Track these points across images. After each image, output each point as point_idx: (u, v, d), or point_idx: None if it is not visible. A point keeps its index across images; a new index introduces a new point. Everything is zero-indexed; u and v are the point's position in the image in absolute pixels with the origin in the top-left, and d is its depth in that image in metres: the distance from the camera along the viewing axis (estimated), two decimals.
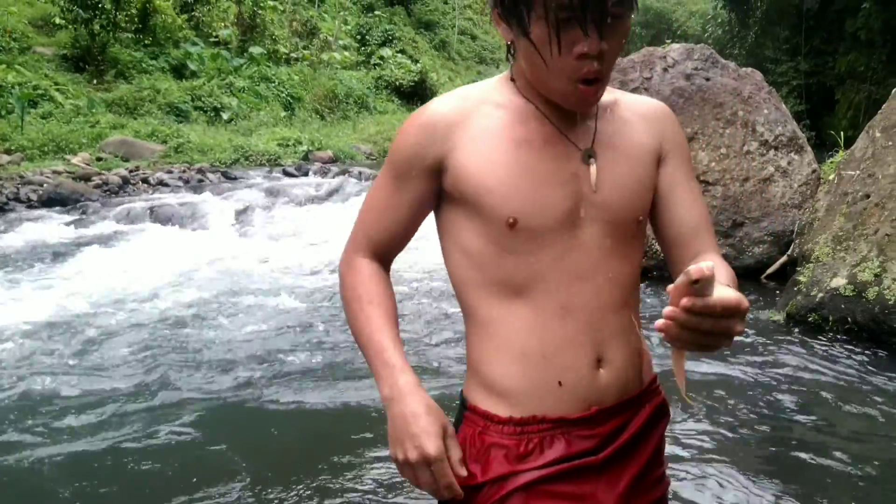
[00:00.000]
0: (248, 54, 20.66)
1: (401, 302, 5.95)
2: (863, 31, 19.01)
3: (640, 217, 1.28)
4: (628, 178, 1.26)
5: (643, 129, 1.31)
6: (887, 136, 5.38)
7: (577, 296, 1.23)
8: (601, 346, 1.25)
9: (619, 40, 1.15)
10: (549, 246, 1.22)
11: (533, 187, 1.21)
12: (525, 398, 1.25)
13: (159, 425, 3.68)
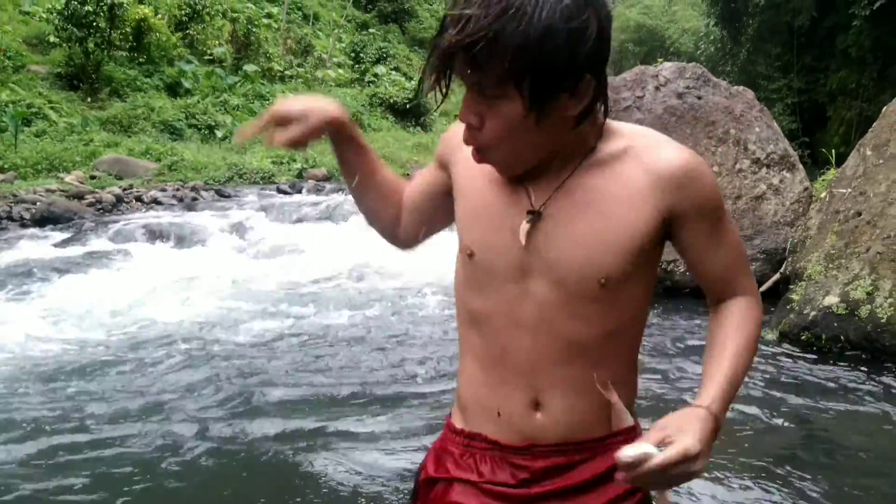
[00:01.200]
0: (243, 72, 20.72)
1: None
2: (854, 48, 19.14)
3: (602, 280, 1.19)
4: (586, 237, 1.20)
5: (644, 187, 1.20)
6: (878, 154, 5.41)
7: (516, 342, 1.25)
8: (537, 392, 1.26)
9: (499, 122, 1.13)
10: (499, 289, 1.25)
11: (489, 227, 1.25)
12: (473, 417, 1.34)
13: (153, 446, 3.66)
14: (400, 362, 5.14)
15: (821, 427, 3.95)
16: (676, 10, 35.54)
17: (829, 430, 3.91)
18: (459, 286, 1.34)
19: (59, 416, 4.02)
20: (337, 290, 7.25)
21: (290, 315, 6.25)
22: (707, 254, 1.26)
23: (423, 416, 4.11)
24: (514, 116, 1.11)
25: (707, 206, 1.23)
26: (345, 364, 5.07)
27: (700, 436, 1.07)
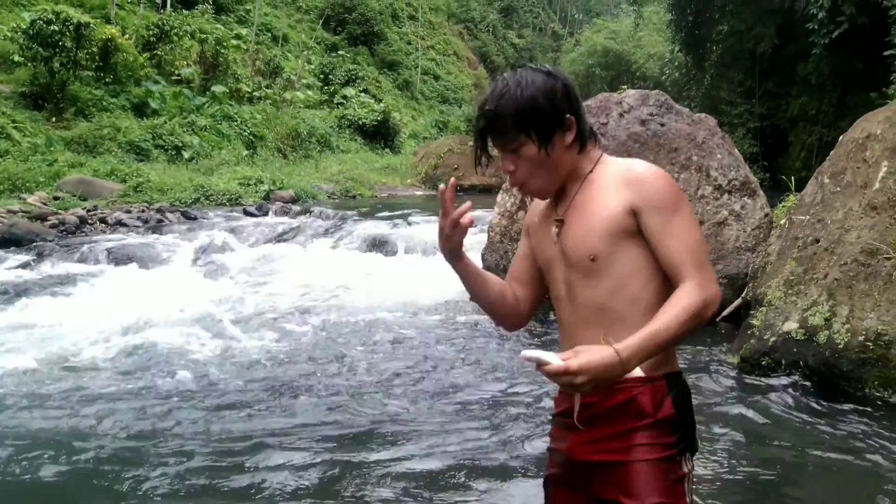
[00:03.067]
0: (211, 93, 20.63)
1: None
2: (813, 75, 19.49)
3: (592, 256, 1.76)
4: (581, 229, 1.79)
5: (615, 192, 1.76)
6: (835, 182, 5.53)
7: (563, 315, 1.88)
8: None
9: (528, 162, 1.78)
10: (552, 280, 1.90)
11: (541, 245, 1.91)
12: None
13: (108, 474, 3.62)
14: (373, 378, 5.14)
15: (778, 450, 4.00)
16: (642, 35, 35.96)
17: (786, 454, 3.96)
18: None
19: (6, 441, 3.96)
20: (305, 310, 7.23)
21: (256, 337, 6.22)
22: (661, 242, 1.73)
23: (397, 432, 4.11)
24: (533, 155, 1.76)
25: (659, 199, 1.73)
26: (314, 383, 5.05)
27: (589, 364, 1.55)
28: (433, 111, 37.07)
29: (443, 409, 4.64)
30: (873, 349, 4.56)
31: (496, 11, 53.75)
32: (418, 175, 21.91)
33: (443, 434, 4.20)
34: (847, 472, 3.77)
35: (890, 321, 4.59)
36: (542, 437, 4.13)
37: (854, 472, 3.75)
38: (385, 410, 4.61)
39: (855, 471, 3.76)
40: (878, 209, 5.04)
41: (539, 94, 1.72)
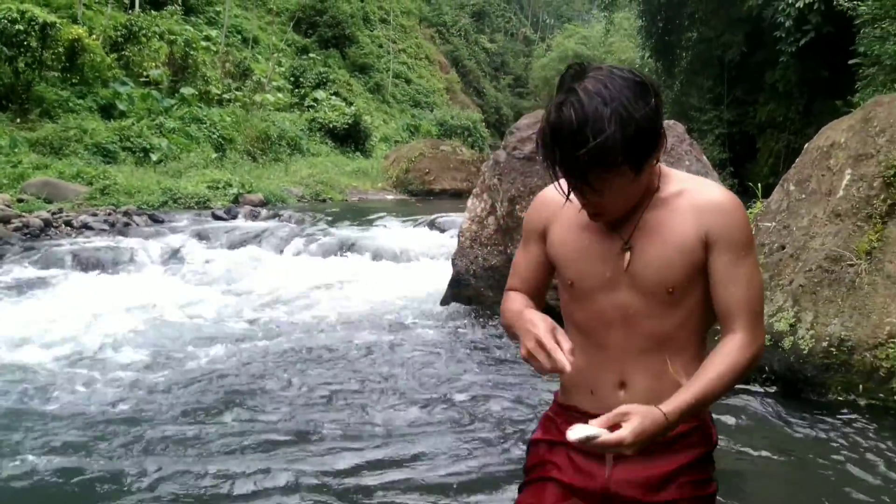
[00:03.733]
0: (180, 95, 20.46)
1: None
2: (781, 82, 19.79)
3: (671, 289, 1.63)
4: (659, 259, 1.62)
5: (689, 219, 1.62)
6: (800, 189, 5.58)
7: (612, 339, 1.69)
8: (625, 374, 1.69)
9: (617, 191, 1.54)
10: (595, 301, 1.69)
11: (585, 261, 1.70)
12: (572, 394, 1.79)
13: (67, 485, 3.55)
14: (341, 384, 5.10)
15: (742, 455, 4.03)
16: (613, 41, 36.31)
17: (751, 458, 3.99)
18: (565, 302, 1.79)
19: None
20: (272, 315, 7.17)
21: (223, 342, 6.15)
22: (725, 284, 1.61)
23: (364, 436, 4.08)
24: (626, 183, 1.53)
25: (734, 237, 1.61)
26: (278, 390, 5.00)
27: (639, 431, 1.45)
28: (405, 115, 37.07)
29: (411, 417, 4.61)
30: (837, 355, 4.61)
31: (468, 16, 53.93)
32: (389, 179, 21.91)
33: (413, 441, 4.18)
34: (811, 475, 3.80)
35: (853, 327, 4.64)
36: (517, 443, 4.12)
37: (818, 476, 3.78)
38: (349, 418, 4.58)
39: (819, 474, 3.79)
40: (841, 216, 5.09)
41: (646, 116, 1.46)
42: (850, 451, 4.04)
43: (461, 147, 23.94)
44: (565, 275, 1.74)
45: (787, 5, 17.33)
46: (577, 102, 1.45)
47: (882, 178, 4.99)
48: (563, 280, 1.75)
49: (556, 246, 1.75)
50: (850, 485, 3.66)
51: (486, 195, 7.09)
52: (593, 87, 1.45)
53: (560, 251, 1.75)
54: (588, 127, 1.42)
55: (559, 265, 1.76)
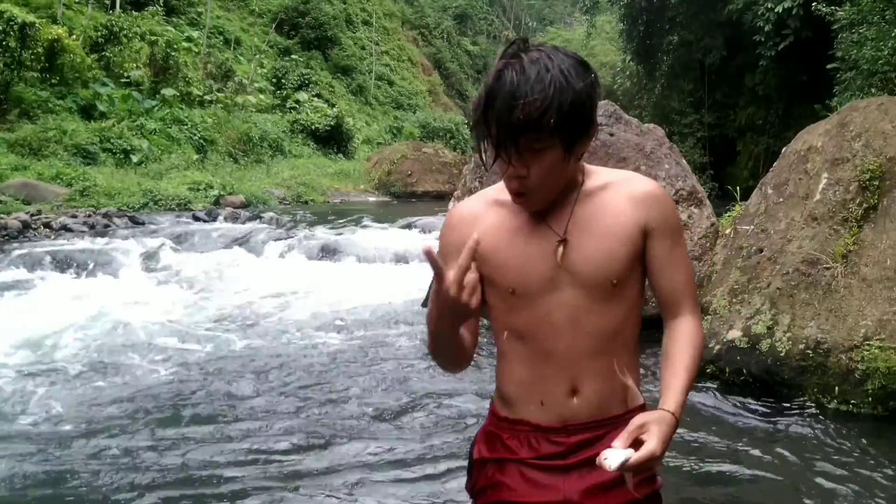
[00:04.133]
0: (161, 96, 20.35)
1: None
2: (761, 86, 19.92)
3: (615, 280, 1.59)
4: (597, 250, 1.59)
5: (626, 209, 1.61)
6: (778, 192, 5.63)
7: (558, 343, 1.62)
8: (575, 381, 1.63)
9: (544, 167, 1.49)
10: (539, 305, 1.61)
11: (523, 264, 1.61)
12: (518, 407, 1.68)
13: (57, 483, 3.53)
14: (319, 387, 5.10)
15: (720, 456, 4.06)
16: (595, 44, 36.30)
17: (728, 460, 4.02)
18: (499, 314, 1.68)
19: None
20: (251, 319, 7.15)
21: (203, 344, 6.14)
22: (668, 267, 1.63)
23: (348, 435, 4.08)
24: (555, 160, 1.49)
25: (670, 224, 1.64)
26: (255, 394, 4.99)
27: (663, 438, 1.43)
28: (387, 117, 37.05)
29: (387, 420, 4.62)
30: (813, 357, 4.66)
31: (451, 18, 53.99)
32: (371, 181, 21.91)
33: (386, 444, 4.18)
34: (787, 476, 3.83)
35: (829, 330, 4.69)
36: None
37: (794, 477, 3.82)
38: (321, 422, 4.57)
39: (795, 475, 3.83)
40: (818, 220, 5.15)
41: (581, 94, 1.46)
42: (825, 452, 4.08)
43: (443, 149, 23.99)
44: (503, 283, 1.63)
45: (767, 10, 17.46)
46: (518, 66, 1.45)
47: (858, 182, 5.05)
48: (500, 289, 1.64)
49: (489, 255, 1.62)
50: (824, 486, 3.69)
51: (466, 198, 7.10)
52: (536, 56, 1.46)
53: (493, 259, 1.63)
54: (527, 86, 1.42)
55: (495, 275, 1.64)
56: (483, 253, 1.60)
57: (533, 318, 1.62)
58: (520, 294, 1.62)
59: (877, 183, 4.99)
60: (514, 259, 1.62)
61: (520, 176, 1.51)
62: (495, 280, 1.64)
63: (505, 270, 1.63)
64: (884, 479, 3.77)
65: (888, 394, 4.41)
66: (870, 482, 3.74)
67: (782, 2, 16.94)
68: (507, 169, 1.50)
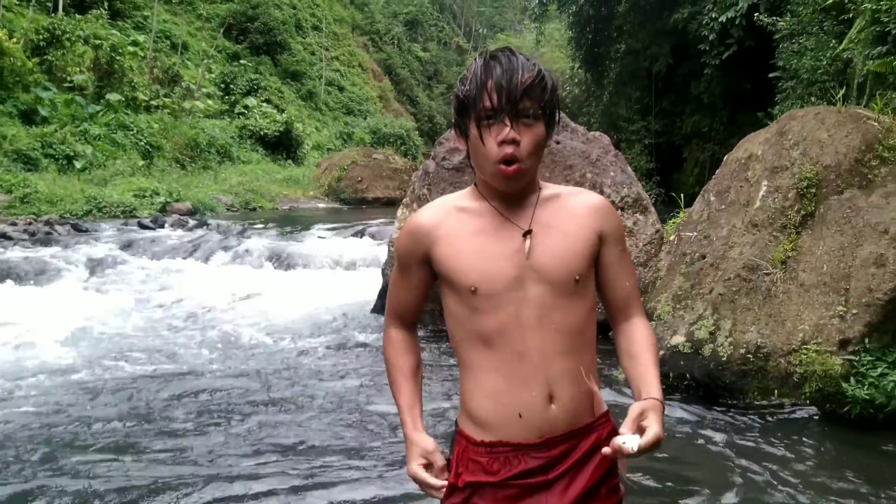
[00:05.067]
0: (105, 101, 19.97)
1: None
2: (706, 94, 20.28)
3: (577, 277, 1.65)
4: (561, 248, 1.66)
5: (585, 214, 1.71)
6: (720, 200, 5.74)
7: (529, 343, 1.63)
8: (551, 385, 1.64)
9: (533, 139, 1.59)
10: (505, 305, 1.64)
11: (486, 263, 1.65)
12: (494, 427, 1.68)
13: None
14: (263, 396, 5.03)
15: (663, 461, 4.11)
16: (544, 51, 36.63)
17: (672, 464, 4.07)
18: (464, 320, 1.69)
19: None
20: (197, 329, 7.05)
21: (144, 355, 6.03)
22: (620, 273, 1.73)
23: (279, 451, 4.04)
24: (541, 136, 1.61)
25: (619, 233, 1.75)
26: (200, 406, 4.92)
27: (662, 422, 1.53)
28: (338, 122, 36.88)
29: (334, 429, 4.59)
30: (753, 361, 4.75)
31: (401, 24, 53.97)
32: (321, 187, 21.78)
33: (331, 455, 4.16)
34: (729, 476, 3.90)
35: (768, 334, 4.78)
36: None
37: (736, 477, 3.88)
38: (265, 432, 4.53)
39: (737, 476, 3.89)
40: (758, 226, 5.25)
41: (555, 84, 1.65)
42: (766, 453, 4.16)
43: (394, 155, 23.95)
44: (466, 281, 1.66)
45: (711, 19, 17.80)
46: (508, 51, 1.62)
47: (796, 189, 5.16)
48: (462, 290, 1.67)
49: (449, 258, 1.68)
50: (764, 485, 3.76)
51: (415, 205, 7.10)
52: (518, 51, 1.63)
53: (455, 261, 1.68)
54: (524, 63, 1.59)
55: (457, 276, 1.67)
56: (442, 257, 1.69)
57: (500, 319, 1.64)
58: (483, 293, 1.64)
59: (814, 190, 5.11)
60: (477, 258, 1.66)
61: (515, 141, 1.58)
62: (455, 281, 1.68)
63: (467, 270, 1.66)
64: (820, 477, 3.86)
65: (825, 396, 4.52)
66: (807, 480, 3.82)
67: (726, 11, 17.29)
68: (507, 133, 1.57)
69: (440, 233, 1.70)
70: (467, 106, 1.61)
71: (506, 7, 67.43)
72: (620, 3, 22.88)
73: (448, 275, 1.69)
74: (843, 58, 11.39)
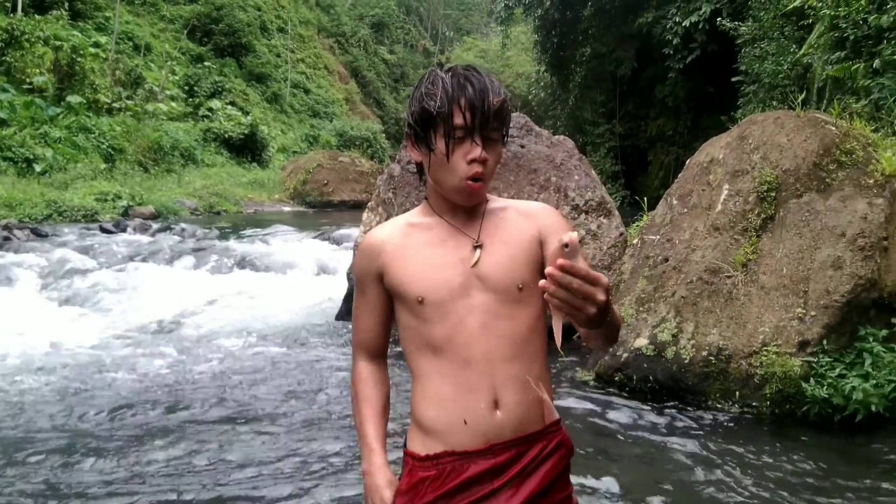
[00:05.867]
0: (66, 103, 19.69)
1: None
2: (670, 98, 20.49)
3: (520, 285, 1.67)
4: (504, 256, 1.70)
5: (523, 223, 1.74)
6: (682, 203, 5.79)
7: (475, 350, 1.66)
8: (497, 391, 1.66)
9: (495, 159, 1.69)
10: (451, 313, 1.66)
11: (432, 273, 1.69)
12: (440, 434, 1.69)
13: None
14: (225, 406, 4.98)
15: (627, 462, 4.13)
16: (511, 55, 36.83)
17: (635, 465, 4.09)
18: (414, 331, 1.72)
19: None
20: (160, 335, 6.96)
21: (103, 363, 5.93)
22: None
23: (264, 452, 4.00)
24: (500, 152, 1.71)
25: (561, 227, 1.71)
26: (159, 416, 4.85)
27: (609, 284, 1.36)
28: (303, 125, 36.72)
29: (297, 439, 4.55)
30: (715, 363, 4.79)
31: (367, 27, 53.91)
32: (287, 190, 21.66)
33: (297, 467, 4.12)
34: (691, 477, 3.92)
35: (730, 336, 4.83)
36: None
37: (699, 477, 3.91)
38: (225, 443, 4.48)
39: (699, 476, 3.92)
40: (720, 230, 5.30)
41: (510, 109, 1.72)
42: (728, 454, 4.19)
43: (360, 158, 23.89)
44: (412, 292, 1.69)
45: (675, 24, 17.99)
46: (475, 72, 1.67)
47: (756, 193, 5.22)
48: (410, 301, 1.70)
49: (398, 271, 1.73)
50: (726, 485, 3.80)
51: (381, 209, 7.08)
52: (474, 70, 1.68)
53: (403, 273, 1.72)
54: (492, 84, 1.65)
55: (404, 288, 1.71)
56: (392, 271, 1.73)
57: (448, 327, 1.67)
58: (430, 303, 1.68)
59: (774, 194, 5.18)
60: (423, 268, 1.70)
61: (484, 160, 1.65)
62: (402, 292, 1.71)
63: (413, 280, 1.70)
64: (780, 476, 3.91)
65: (784, 397, 4.57)
66: (765, 480, 3.86)
67: (689, 16, 17.49)
68: (479, 153, 1.63)
69: (390, 248, 1.75)
70: (435, 120, 1.63)
71: (472, 10, 67.65)
72: (586, 7, 23.03)
73: (397, 287, 1.72)
74: (803, 63, 11.56)
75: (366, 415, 1.82)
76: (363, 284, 1.81)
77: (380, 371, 1.88)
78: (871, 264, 4.70)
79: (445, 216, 1.75)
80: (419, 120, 1.67)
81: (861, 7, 8.50)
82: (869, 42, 8.55)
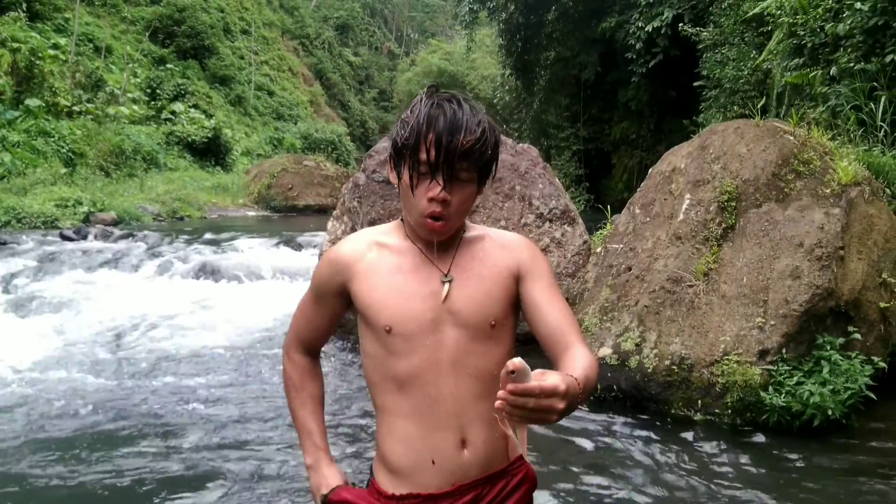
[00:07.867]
0: (24, 107, 19.31)
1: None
2: (633, 101, 20.64)
3: (492, 322, 1.64)
4: (478, 292, 1.65)
5: (499, 256, 1.70)
6: (645, 212, 5.85)
7: (443, 387, 1.62)
8: (464, 430, 1.63)
9: (462, 199, 1.61)
10: (420, 347, 1.62)
11: (402, 302, 1.63)
12: (405, 476, 1.66)
13: None
14: (189, 418, 4.93)
15: (591, 471, 4.17)
16: (476, 57, 36.82)
17: (596, 474, 4.13)
18: (379, 362, 1.67)
19: None
20: (122, 346, 6.87)
21: (63, 373, 5.85)
22: (547, 304, 1.65)
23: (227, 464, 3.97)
24: (471, 193, 1.63)
25: (542, 267, 1.71)
26: (120, 430, 4.80)
27: (568, 383, 1.28)
28: (267, 128, 36.48)
29: (261, 453, 4.53)
30: (678, 372, 4.85)
31: (332, 29, 53.76)
32: (251, 195, 21.50)
33: (263, 481, 4.10)
34: (654, 485, 3.97)
35: (692, 346, 4.89)
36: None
37: (661, 485, 3.96)
38: (189, 458, 4.44)
39: (662, 484, 3.97)
40: (682, 239, 5.37)
41: (497, 142, 1.63)
42: (689, 461, 4.25)
43: (325, 162, 23.75)
44: (380, 320, 1.64)
45: (638, 28, 18.13)
46: (455, 103, 1.59)
47: (717, 202, 5.30)
48: (377, 328, 1.66)
49: (366, 293, 1.67)
50: (687, 492, 3.85)
51: (346, 217, 7.06)
52: (466, 102, 1.61)
53: (371, 297, 1.67)
54: (468, 120, 1.56)
55: (371, 312, 1.66)
56: (359, 291, 1.69)
57: (415, 363, 1.62)
58: (397, 334, 1.63)
59: (734, 204, 5.25)
60: (393, 297, 1.65)
61: (445, 200, 1.58)
62: (369, 318, 1.67)
63: (381, 307, 1.64)
64: (740, 483, 3.98)
65: (745, 405, 4.64)
66: (728, 486, 3.94)
67: (652, 21, 17.64)
68: (437, 193, 1.57)
69: (360, 267, 1.70)
70: (403, 152, 1.60)
71: (437, 13, 67.68)
72: (550, 11, 23.12)
73: (363, 311, 1.69)
74: (763, 68, 11.72)
75: (310, 408, 1.84)
76: (321, 293, 1.78)
77: (318, 367, 1.91)
78: (828, 274, 4.79)
79: (418, 243, 1.70)
80: (395, 145, 1.64)
81: (818, 15, 8.65)
82: (826, 49, 8.70)
